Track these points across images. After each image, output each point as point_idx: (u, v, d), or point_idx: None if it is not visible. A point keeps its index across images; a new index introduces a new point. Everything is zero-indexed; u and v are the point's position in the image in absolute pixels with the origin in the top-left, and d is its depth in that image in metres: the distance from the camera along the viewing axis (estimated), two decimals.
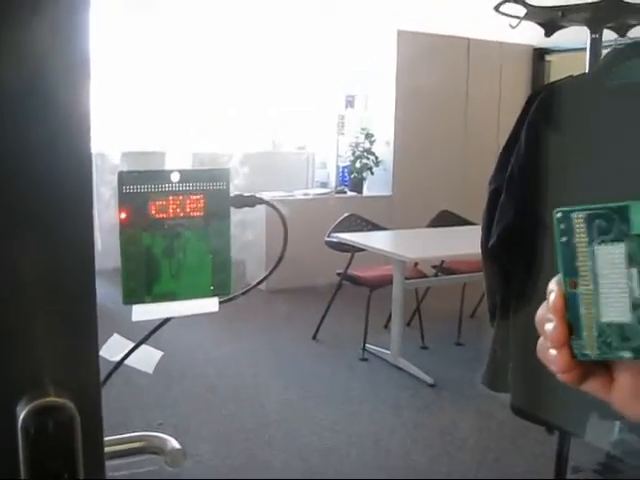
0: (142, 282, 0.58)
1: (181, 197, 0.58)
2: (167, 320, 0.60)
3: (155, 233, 0.57)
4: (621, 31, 1.97)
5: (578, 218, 0.41)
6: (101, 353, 0.58)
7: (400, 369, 4.35)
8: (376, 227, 5.19)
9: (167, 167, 0.53)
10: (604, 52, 1.95)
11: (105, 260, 0.57)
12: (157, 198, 0.57)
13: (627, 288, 0.40)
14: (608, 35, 2.05)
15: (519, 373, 1.99)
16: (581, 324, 0.42)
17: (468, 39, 6.67)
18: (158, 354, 0.63)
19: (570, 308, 0.42)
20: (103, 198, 1.86)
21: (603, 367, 0.44)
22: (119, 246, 0.56)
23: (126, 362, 0.60)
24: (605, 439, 2.92)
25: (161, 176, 0.56)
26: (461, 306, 5.00)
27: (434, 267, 5.16)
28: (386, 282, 4.60)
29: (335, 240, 4.80)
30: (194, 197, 0.58)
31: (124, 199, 0.56)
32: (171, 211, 0.58)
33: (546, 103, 1.92)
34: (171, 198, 0.57)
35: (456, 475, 3.11)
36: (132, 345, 0.61)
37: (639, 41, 1.89)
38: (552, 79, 5.55)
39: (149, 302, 0.58)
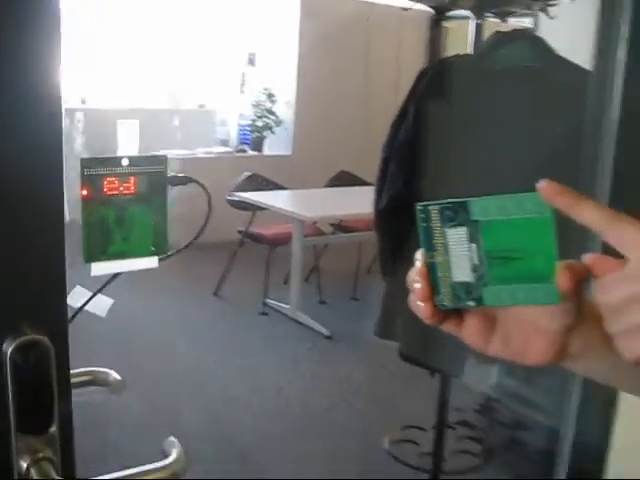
0: (99, 245, 0.72)
1: (129, 178, 0.72)
2: (117, 274, 0.74)
3: (109, 206, 0.72)
4: (502, 17, 2.18)
5: (433, 210, 0.58)
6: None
7: (299, 322, 4.57)
8: (277, 186, 5.35)
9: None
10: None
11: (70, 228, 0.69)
12: (110, 178, 0.71)
13: (469, 257, 0.58)
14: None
15: (406, 323, 2.22)
16: (439, 284, 0.60)
17: (370, 2, 6.83)
18: (110, 301, 0.77)
19: (431, 272, 0.60)
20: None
21: (456, 313, 0.62)
22: (81, 216, 0.70)
23: (85, 308, 0.74)
24: (485, 383, 3.25)
25: (114, 161, 0.71)
26: (357, 263, 5.25)
27: (332, 225, 5.37)
28: (286, 240, 4.80)
29: (237, 199, 4.93)
30: (139, 177, 0.73)
31: (85, 180, 0.69)
32: (122, 189, 0.72)
33: (434, 80, 2.12)
34: (121, 178, 0.72)
35: (353, 420, 3.35)
36: (90, 294, 0.75)
37: (519, 28, 2.12)
38: (448, 45, 5.81)
39: (104, 260, 0.73)
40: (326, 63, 6.57)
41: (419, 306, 0.61)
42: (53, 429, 0.72)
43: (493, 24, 2.47)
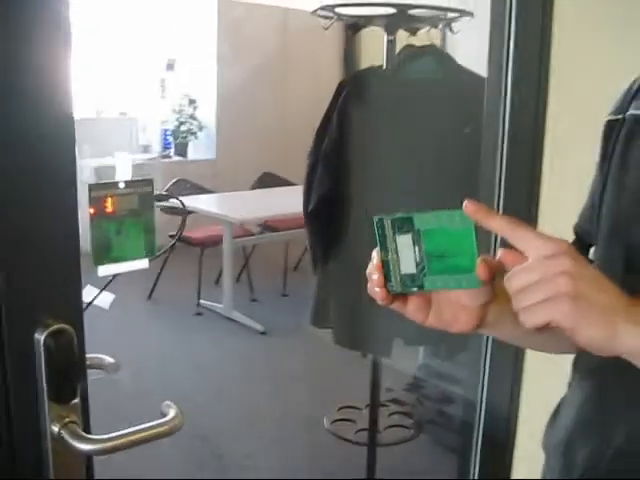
0: (103, 251, 0.91)
1: (126, 197, 0.91)
2: (116, 275, 0.93)
3: (110, 220, 0.91)
4: (411, 32, 2.44)
5: (387, 221, 0.77)
6: None
7: (233, 320, 4.76)
8: (203, 190, 5.51)
9: None
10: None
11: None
12: (111, 198, 0.90)
13: (413, 256, 0.78)
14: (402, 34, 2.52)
15: (338, 311, 2.46)
16: (391, 275, 0.80)
17: (287, 9, 7.02)
18: (112, 296, 0.96)
19: (384, 267, 0.80)
20: None
21: (402, 296, 0.82)
22: (89, 229, 0.89)
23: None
24: (412, 364, 3.54)
25: (114, 185, 0.90)
26: (285, 261, 5.46)
27: (259, 226, 5.57)
28: (216, 241, 4.97)
29: (166, 204, 5.06)
30: (133, 197, 0.92)
31: (93, 200, 0.88)
32: (119, 206, 0.91)
33: (353, 91, 2.36)
34: (120, 198, 0.90)
35: (291, 410, 3.56)
36: (97, 291, 0.93)
37: (426, 44, 2.38)
38: (363, 49, 6.10)
39: (107, 263, 0.92)
40: (245, 68, 6.74)
41: (376, 291, 0.81)
42: (77, 400, 0.91)
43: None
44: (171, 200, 5.03)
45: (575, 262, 0.70)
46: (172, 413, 0.93)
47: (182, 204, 4.50)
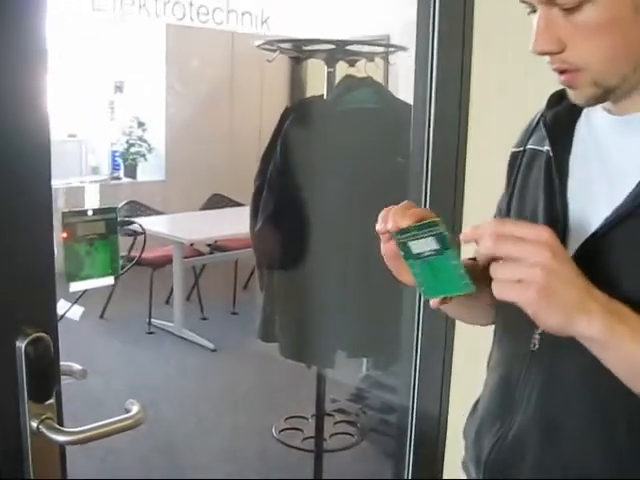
0: (74, 269, 1.05)
1: (94, 223, 1.06)
2: (85, 290, 1.07)
3: (81, 243, 1.05)
4: (350, 64, 2.64)
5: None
6: None
7: (184, 339, 4.87)
8: (153, 211, 5.62)
9: None
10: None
11: None
12: (81, 224, 1.05)
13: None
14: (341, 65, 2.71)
15: (284, 325, 2.62)
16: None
17: (232, 32, 7.19)
18: (81, 309, 1.08)
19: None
20: None
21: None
22: (62, 251, 1.03)
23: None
24: (355, 375, 3.72)
25: (84, 212, 1.04)
26: (235, 279, 5.60)
27: (209, 245, 5.69)
28: (166, 261, 5.09)
29: (128, 227, 5.16)
30: (100, 223, 1.07)
31: (65, 225, 1.03)
32: (89, 230, 1.05)
33: (296, 119, 2.54)
34: (89, 224, 1.05)
35: (241, 422, 3.69)
36: (69, 305, 1.06)
37: (364, 76, 2.58)
38: (308, 73, 6.33)
39: (78, 280, 1.06)
40: (193, 91, 6.88)
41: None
42: (52, 399, 1.05)
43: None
44: (119, 221, 5.14)
45: (554, 257, 0.79)
46: (135, 409, 1.08)
47: (142, 228, 4.60)
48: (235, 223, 4.50)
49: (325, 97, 2.59)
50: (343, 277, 2.51)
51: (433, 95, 1.89)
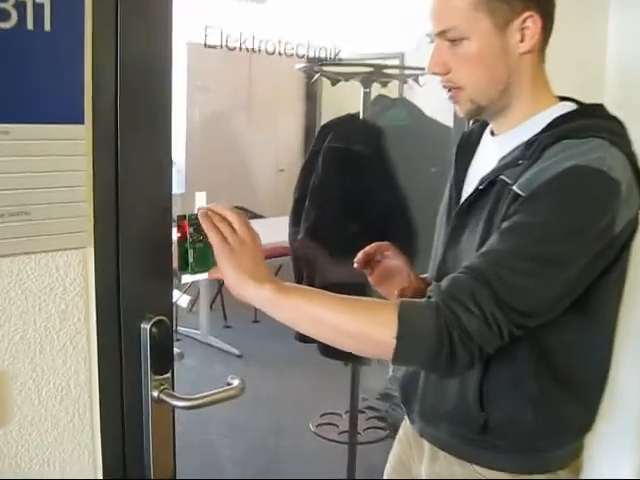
0: (184, 264, 1.24)
1: (199, 225, 1.25)
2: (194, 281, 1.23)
3: (186, 242, 1.24)
4: (383, 85, 2.84)
5: None
6: None
7: (210, 345, 5.05)
8: None
9: None
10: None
11: None
12: (190, 226, 1.24)
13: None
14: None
15: None
16: None
17: (251, 52, 7.40)
18: (188, 298, 1.23)
19: None
20: None
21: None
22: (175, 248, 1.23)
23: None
24: (382, 377, 3.94)
25: (193, 216, 1.24)
26: None
27: None
28: None
29: None
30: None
31: (178, 227, 1.22)
32: (194, 231, 1.25)
33: (335, 134, 2.74)
34: (196, 226, 1.25)
35: (274, 421, 3.86)
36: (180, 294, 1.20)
37: (399, 97, 2.78)
38: (324, 92, 6.56)
39: (187, 274, 1.25)
40: (213, 107, 7.10)
41: None
42: (169, 374, 1.24)
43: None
44: None
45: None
46: (236, 382, 1.27)
47: None
48: (259, 234, 4.67)
49: (361, 116, 2.79)
50: None
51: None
